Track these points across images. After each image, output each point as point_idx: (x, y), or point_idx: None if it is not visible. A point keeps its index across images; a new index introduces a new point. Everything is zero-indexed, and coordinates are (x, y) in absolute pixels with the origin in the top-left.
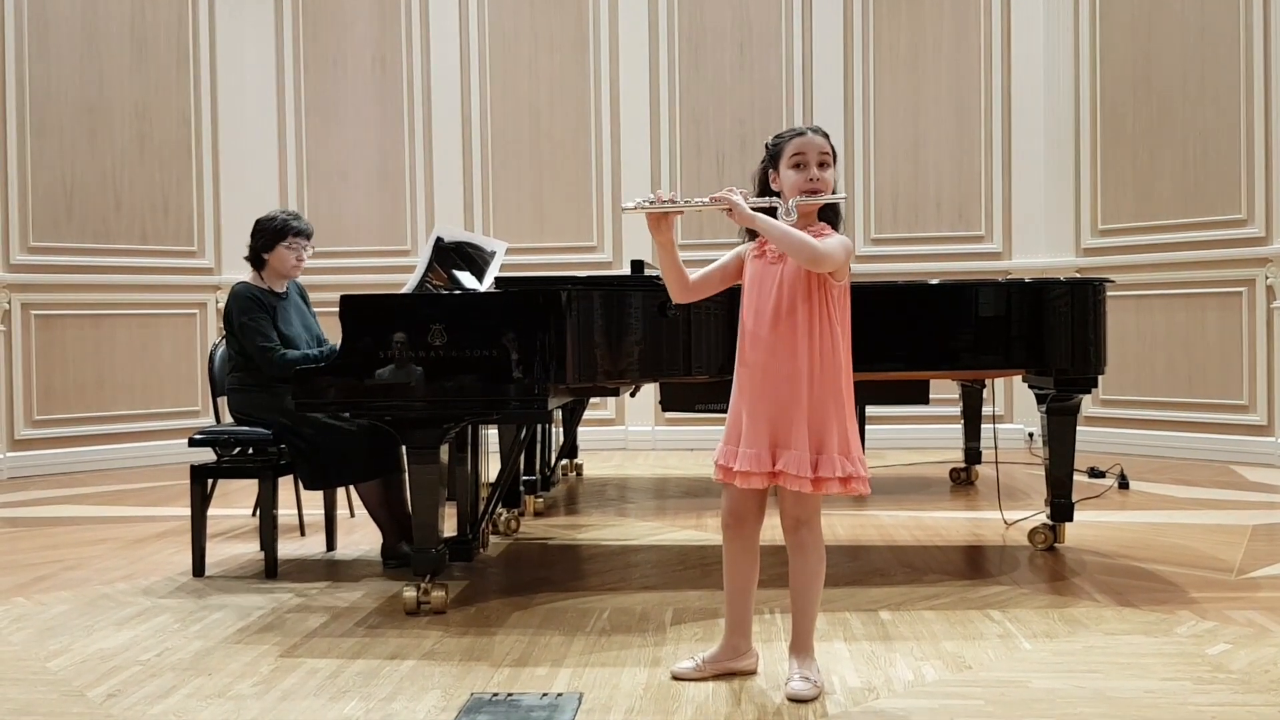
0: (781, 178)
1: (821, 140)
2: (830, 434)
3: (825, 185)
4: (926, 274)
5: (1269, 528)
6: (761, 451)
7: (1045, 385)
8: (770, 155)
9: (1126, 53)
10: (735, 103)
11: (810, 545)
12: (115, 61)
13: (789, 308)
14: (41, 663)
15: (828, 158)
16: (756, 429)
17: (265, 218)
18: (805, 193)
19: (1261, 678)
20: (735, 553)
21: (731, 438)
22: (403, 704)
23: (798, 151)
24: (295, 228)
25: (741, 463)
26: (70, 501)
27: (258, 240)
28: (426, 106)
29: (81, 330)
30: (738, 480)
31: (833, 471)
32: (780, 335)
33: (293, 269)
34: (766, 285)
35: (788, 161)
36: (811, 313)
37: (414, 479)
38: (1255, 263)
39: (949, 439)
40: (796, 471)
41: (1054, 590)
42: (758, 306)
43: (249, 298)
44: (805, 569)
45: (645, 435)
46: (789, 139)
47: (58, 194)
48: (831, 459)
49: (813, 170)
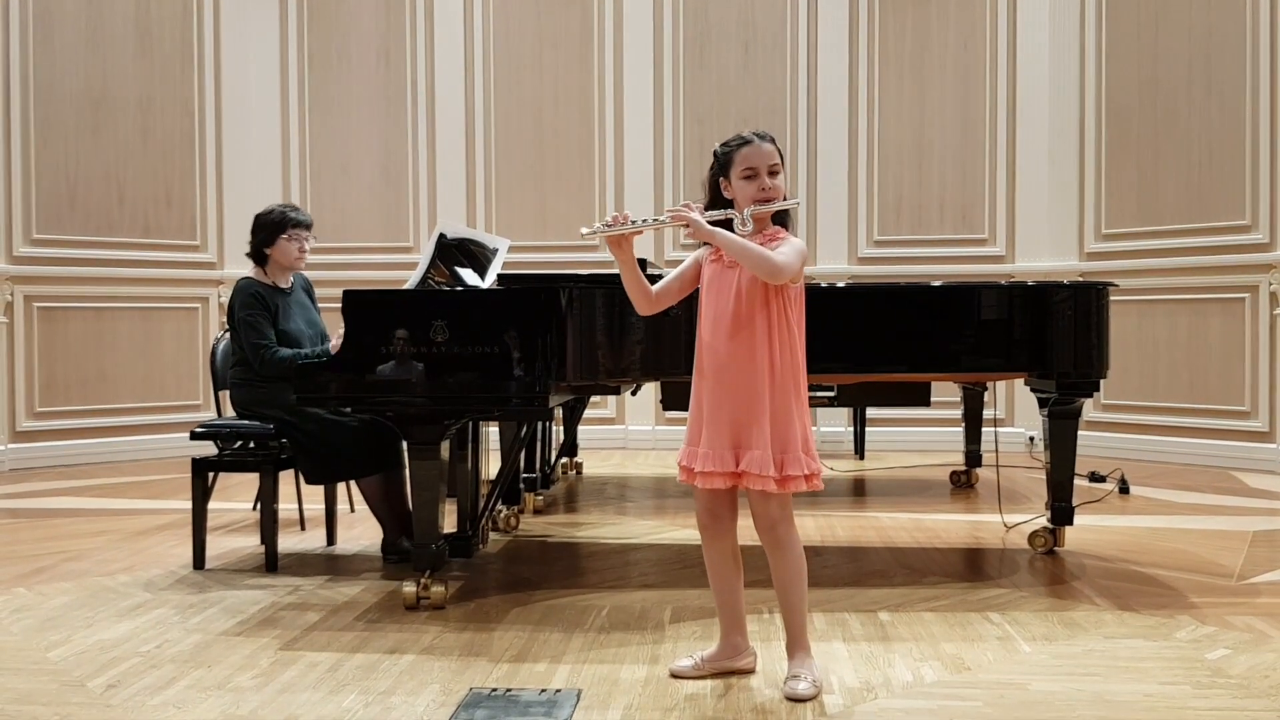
0: (734, 188)
1: (770, 148)
2: (793, 432)
3: (777, 193)
4: (929, 276)
5: (1269, 534)
6: (723, 452)
7: (1047, 389)
8: (720, 164)
9: (1132, 57)
10: (739, 103)
11: (787, 543)
12: (119, 54)
13: (748, 311)
14: (42, 653)
15: (778, 165)
16: (717, 429)
17: (263, 212)
18: (759, 202)
19: (1261, 683)
20: (715, 553)
21: (693, 438)
22: (402, 698)
23: (748, 162)
24: (294, 219)
25: (703, 463)
26: (71, 493)
27: (258, 236)
28: (430, 102)
29: (84, 323)
30: (699, 481)
31: (799, 469)
32: (740, 338)
33: (296, 260)
34: (725, 289)
35: (739, 172)
36: (770, 314)
37: (414, 475)
38: (1259, 269)
39: (950, 442)
40: (760, 471)
41: (1053, 593)
42: (716, 310)
43: (251, 294)
44: (786, 567)
45: (645, 434)
46: (737, 148)
47: (61, 186)
48: (797, 457)
49: (764, 180)
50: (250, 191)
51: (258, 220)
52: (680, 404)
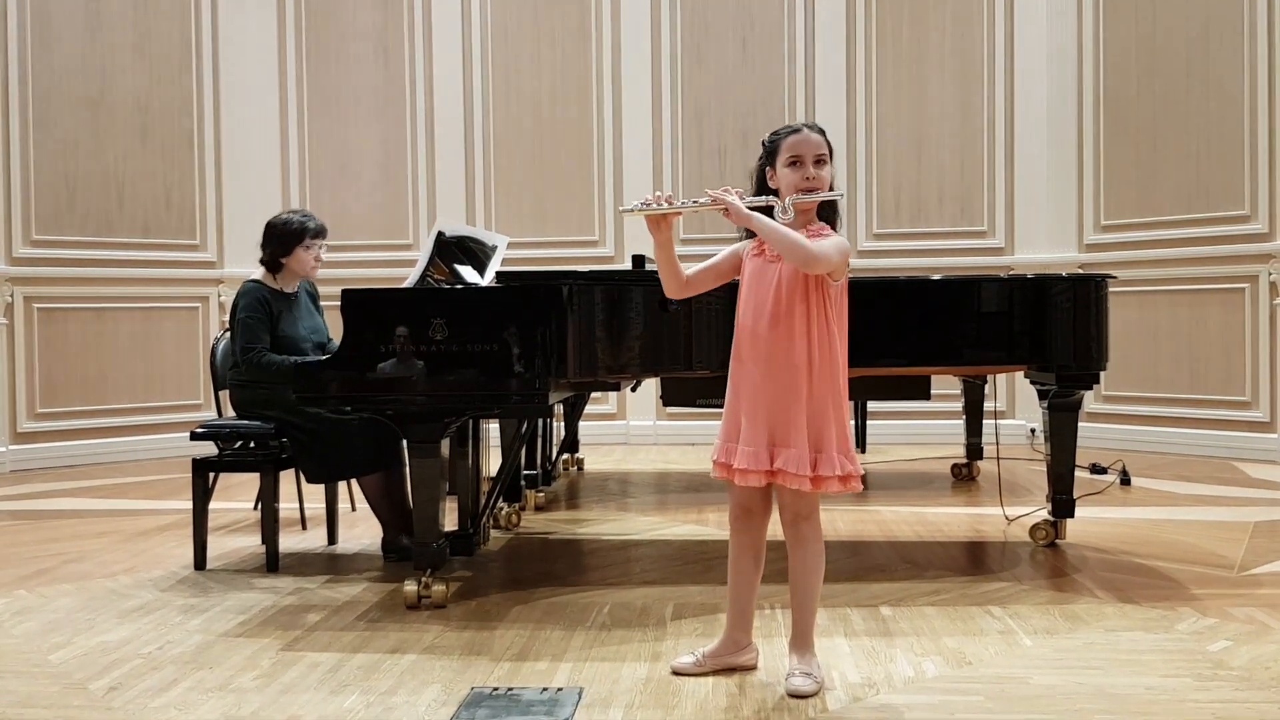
0: (778, 176)
1: (818, 138)
2: (829, 432)
3: (821, 183)
4: (928, 269)
5: (1270, 524)
6: (759, 450)
7: (1047, 381)
8: (767, 153)
9: (1130, 47)
10: (737, 97)
11: (810, 540)
12: (117, 54)
13: (788, 306)
14: (43, 655)
15: (824, 155)
16: (755, 427)
17: (279, 221)
18: (802, 191)
19: (1262, 674)
20: (742, 546)
21: (729, 435)
22: (403, 697)
23: (794, 150)
24: (312, 229)
25: (740, 460)
26: (72, 494)
27: (275, 245)
28: (429, 99)
29: (84, 323)
30: (736, 478)
31: (832, 470)
32: (779, 334)
33: (311, 270)
34: (765, 283)
35: (784, 160)
36: (810, 311)
37: (415, 473)
38: (1258, 259)
39: (950, 434)
40: (796, 470)
41: (1055, 586)
42: (756, 305)
43: (257, 297)
44: (805, 564)
45: (646, 430)
46: (785, 136)
47: (60, 187)
48: (831, 457)
49: (809, 169)
50: (250, 191)
51: (274, 230)
52: (681, 399)
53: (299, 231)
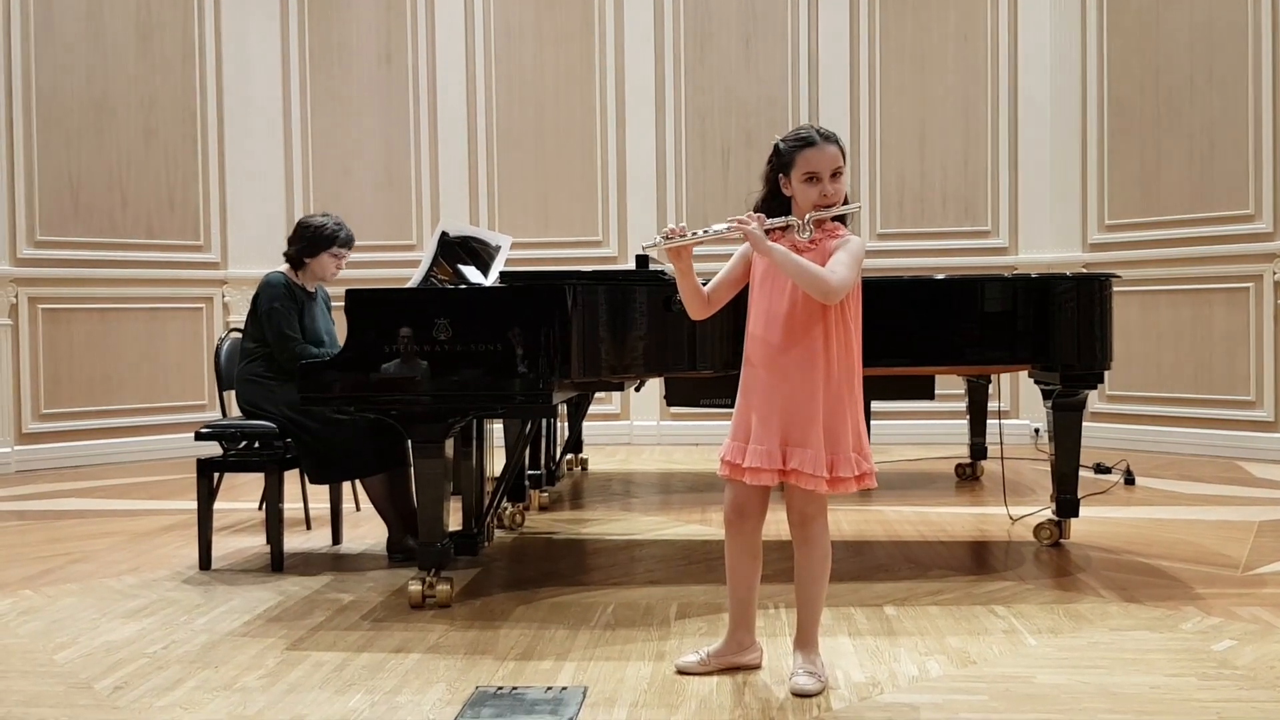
0: (795, 189)
1: (834, 151)
2: (844, 432)
3: (838, 197)
4: (932, 269)
5: (1275, 524)
6: (772, 449)
7: (1051, 381)
8: (781, 161)
9: (1134, 47)
10: (741, 97)
11: (817, 540)
12: (121, 56)
13: (804, 306)
14: (49, 655)
15: (841, 167)
16: (768, 427)
17: (314, 224)
18: (819, 207)
19: (1267, 674)
20: (738, 548)
21: (739, 434)
22: (408, 697)
23: (810, 166)
24: (342, 238)
25: (751, 459)
26: (77, 495)
27: (303, 244)
28: (432, 100)
29: (88, 324)
30: (747, 476)
31: (850, 471)
32: (795, 334)
33: (330, 276)
34: (779, 283)
35: (800, 175)
36: (826, 310)
37: (419, 473)
38: (1262, 258)
39: (954, 434)
40: (812, 470)
41: (1059, 586)
42: (770, 304)
43: (283, 286)
44: (812, 564)
45: (650, 430)
46: (800, 149)
47: (64, 188)
48: (847, 458)
49: (826, 185)
50: (253, 191)
51: (306, 229)
52: (685, 399)
53: (329, 238)
